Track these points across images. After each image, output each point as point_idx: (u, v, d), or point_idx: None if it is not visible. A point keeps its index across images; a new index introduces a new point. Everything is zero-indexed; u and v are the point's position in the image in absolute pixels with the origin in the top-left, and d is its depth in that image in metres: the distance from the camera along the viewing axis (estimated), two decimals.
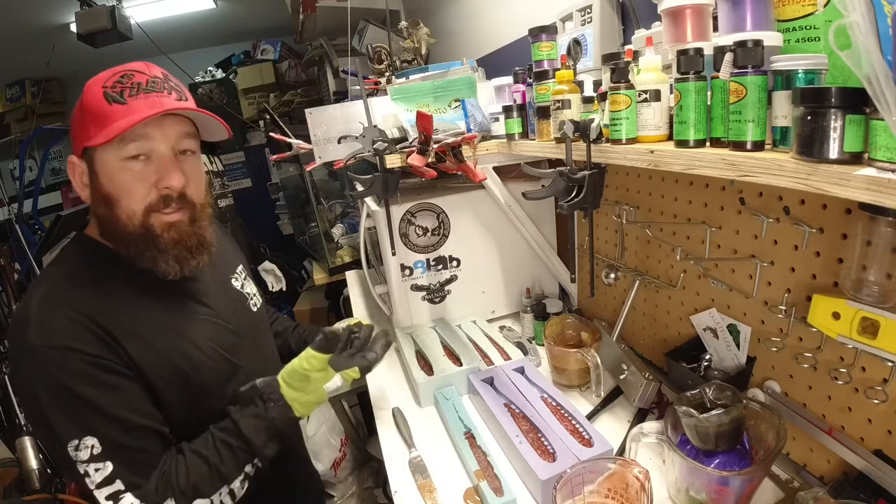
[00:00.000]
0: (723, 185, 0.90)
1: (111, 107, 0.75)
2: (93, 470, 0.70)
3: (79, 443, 0.70)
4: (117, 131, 0.73)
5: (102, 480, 0.70)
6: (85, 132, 0.77)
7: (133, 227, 0.79)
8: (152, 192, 0.79)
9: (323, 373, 0.89)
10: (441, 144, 1.13)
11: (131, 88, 0.77)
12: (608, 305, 1.37)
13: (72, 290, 0.77)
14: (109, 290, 0.79)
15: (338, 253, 2.59)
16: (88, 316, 0.73)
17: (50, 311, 0.73)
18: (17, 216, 3.30)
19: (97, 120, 0.76)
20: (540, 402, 1.02)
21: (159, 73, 0.82)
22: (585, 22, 1.21)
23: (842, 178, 0.47)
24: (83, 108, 0.77)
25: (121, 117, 0.75)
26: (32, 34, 3.29)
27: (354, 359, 0.91)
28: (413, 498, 0.92)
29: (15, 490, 1.86)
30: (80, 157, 0.79)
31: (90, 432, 0.70)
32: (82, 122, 0.77)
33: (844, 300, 0.68)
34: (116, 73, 0.78)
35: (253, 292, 1.06)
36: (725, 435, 0.79)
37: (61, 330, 0.71)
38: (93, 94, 0.77)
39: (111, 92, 0.76)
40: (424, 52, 1.96)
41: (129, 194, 0.78)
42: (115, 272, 0.81)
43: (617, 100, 0.78)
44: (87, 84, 0.79)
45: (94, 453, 0.70)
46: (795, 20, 0.62)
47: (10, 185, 4.02)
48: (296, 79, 4.40)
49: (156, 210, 0.79)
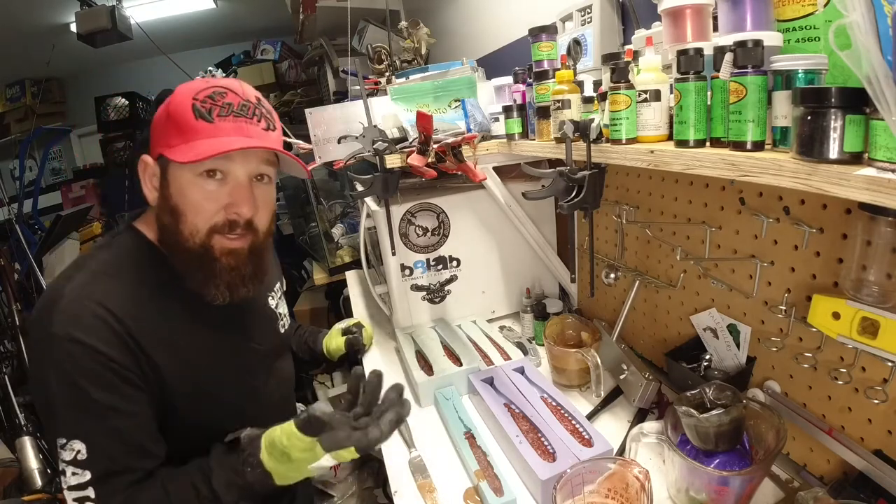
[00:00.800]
0: (723, 185, 0.90)
1: (197, 122, 0.74)
2: (70, 472, 0.69)
3: (66, 442, 0.69)
4: (199, 156, 0.72)
5: (76, 485, 0.69)
6: (165, 138, 0.76)
7: (193, 244, 0.77)
8: (220, 214, 0.77)
9: (308, 453, 0.73)
10: (441, 144, 1.13)
11: (222, 108, 0.75)
12: (608, 305, 1.37)
13: (109, 284, 0.75)
14: (149, 295, 0.77)
15: (338, 253, 2.59)
16: (118, 317, 0.72)
17: (80, 302, 0.71)
18: (17, 216, 3.30)
19: (181, 131, 0.74)
20: (540, 402, 1.02)
21: (253, 96, 0.79)
22: (585, 22, 1.21)
23: (842, 178, 0.47)
24: (168, 112, 0.76)
25: (204, 136, 0.74)
26: (32, 34, 3.29)
27: (352, 436, 0.73)
28: (413, 498, 0.92)
29: (15, 490, 1.86)
30: (156, 159, 0.78)
31: (81, 437, 0.69)
32: (165, 127, 0.76)
33: (844, 300, 0.68)
34: (210, 88, 0.76)
35: (284, 313, 1.06)
36: (725, 435, 0.79)
37: (86, 326, 0.70)
38: (180, 103, 0.75)
39: (200, 107, 0.74)
40: (424, 52, 1.96)
41: (196, 211, 0.76)
42: (161, 276, 0.79)
43: (617, 100, 0.78)
44: (178, 88, 0.77)
45: (77, 458, 0.69)
46: (795, 20, 0.62)
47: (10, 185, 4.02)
48: (296, 79, 4.41)
49: (220, 232, 0.77)
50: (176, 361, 0.77)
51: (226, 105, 0.76)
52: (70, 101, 4.65)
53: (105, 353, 0.70)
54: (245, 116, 0.77)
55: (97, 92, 4.45)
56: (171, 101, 0.77)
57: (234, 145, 0.74)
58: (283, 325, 1.04)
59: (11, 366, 2.69)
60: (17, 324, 2.65)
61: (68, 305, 0.71)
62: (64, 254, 3.47)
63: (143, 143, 2.13)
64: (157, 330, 0.76)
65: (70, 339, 0.69)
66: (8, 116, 4.24)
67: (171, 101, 0.77)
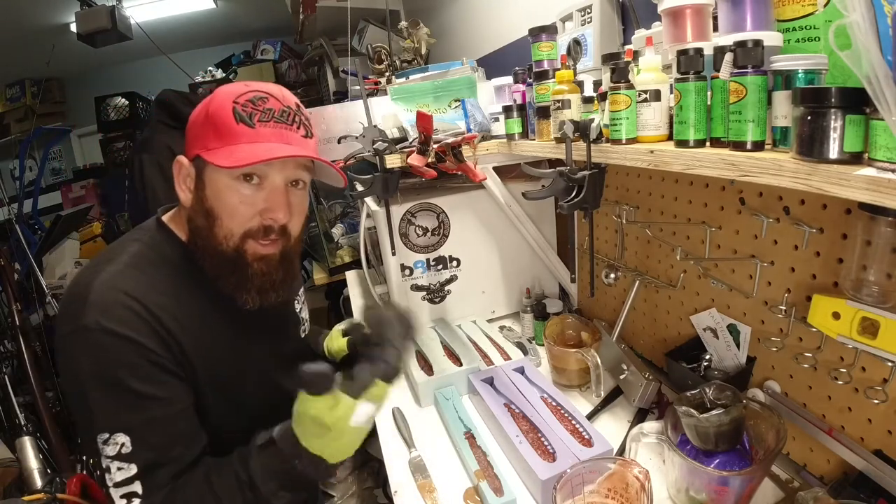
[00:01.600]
0: (723, 185, 0.90)
1: (238, 126, 0.74)
2: (115, 468, 0.68)
3: (109, 437, 0.67)
4: (240, 162, 0.72)
5: (122, 480, 0.68)
6: (204, 140, 0.75)
7: (227, 247, 0.77)
8: (255, 219, 0.77)
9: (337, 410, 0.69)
10: (441, 144, 1.13)
11: (263, 113, 0.75)
12: (608, 305, 1.37)
13: (138, 277, 0.74)
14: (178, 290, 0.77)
15: (338, 253, 2.59)
16: (148, 308, 0.71)
17: (111, 293, 0.70)
18: (17, 216, 3.30)
19: (220, 134, 0.74)
20: (540, 402, 1.02)
21: (293, 102, 0.79)
22: (585, 22, 1.21)
23: (842, 178, 0.47)
24: (208, 114, 0.76)
25: (245, 140, 0.74)
26: (32, 34, 3.29)
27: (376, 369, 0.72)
28: (413, 498, 0.92)
29: (15, 490, 1.86)
30: (191, 160, 0.78)
31: (124, 429, 0.68)
32: (204, 128, 0.76)
33: (844, 300, 0.68)
34: (251, 92, 0.76)
35: (306, 318, 1.06)
36: (725, 435, 0.79)
37: (119, 317, 0.69)
38: (221, 105, 0.75)
39: (241, 111, 0.74)
40: (424, 52, 1.96)
41: (231, 215, 0.76)
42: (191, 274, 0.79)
43: (617, 100, 0.78)
44: (218, 90, 0.77)
45: (122, 451, 0.68)
46: (795, 20, 0.62)
47: (10, 185, 4.02)
48: (296, 79, 4.41)
49: (253, 237, 0.77)
50: (205, 358, 0.77)
51: (267, 111, 0.75)
52: (70, 101, 4.65)
53: (140, 342, 0.69)
54: (285, 123, 0.77)
55: (97, 92, 4.44)
56: (211, 104, 0.76)
57: (276, 153, 0.74)
58: (304, 331, 1.05)
59: (11, 366, 2.69)
60: (17, 324, 2.65)
61: (98, 298, 0.70)
62: (64, 254, 3.47)
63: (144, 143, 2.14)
64: (186, 323, 0.75)
65: (103, 330, 0.68)
66: (8, 116, 4.24)
67: (211, 103, 0.76)
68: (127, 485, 0.68)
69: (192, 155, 0.77)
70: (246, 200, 0.76)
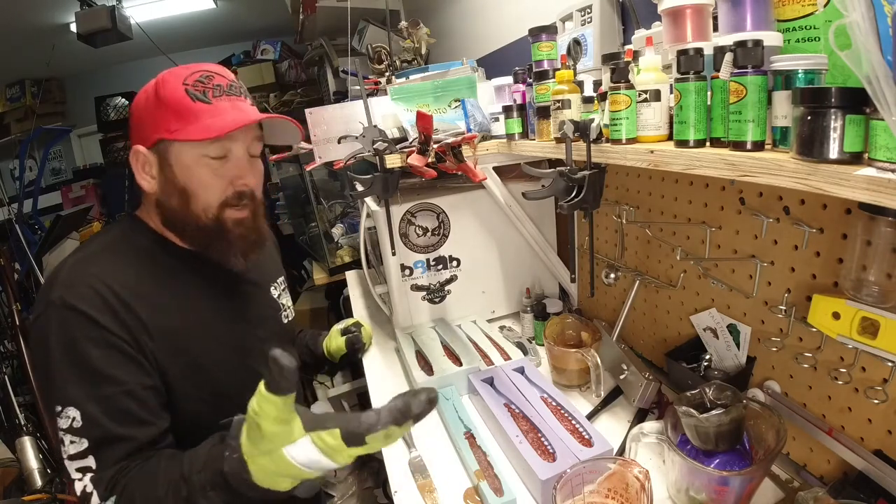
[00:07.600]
0: (723, 185, 0.90)
1: (195, 104, 0.78)
2: (68, 441, 0.70)
3: (61, 410, 0.70)
4: (215, 132, 0.76)
5: (76, 454, 0.70)
6: (163, 125, 0.78)
7: (206, 219, 0.82)
8: (229, 189, 0.83)
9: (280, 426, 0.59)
10: (441, 144, 1.13)
11: (214, 90, 0.80)
12: (608, 305, 1.37)
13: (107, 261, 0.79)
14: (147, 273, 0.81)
15: (338, 253, 2.59)
16: (113, 291, 0.74)
17: (78, 274, 0.75)
18: (17, 216, 3.30)
19: (181, 115, 0.77)
20: (540, 402, 1.02)
21: (233, 78, 0.85)
22: (585, 22, 1.21)
23: (842, 178, 0.47)
24: (160, 101, 0.78)
25: (208, 116, 0.78)
26: (32, 34, 3.29)
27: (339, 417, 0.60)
28: (413, 498, 0.92)
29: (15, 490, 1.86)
30: (150, 147, 0.80)
31: (74, 403, 0.70)
32: (159, 113, 0.78)
33: (844, 300, 0.68)
34: (196, 73, 0.80)
35: (287, 304, 1.08)
36: (725, 435, 0.79)
37: (81, 294, 0.73)
38: (172, 89, 0.78)
39: (194, 91, 0.78)
40: (424, 52, 1.96)
41: (206, 189, 0.81)
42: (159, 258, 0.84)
43: (617, 100, 0.77)
44: (161, 78, 0.80)
45: (73, 425, 0.70)
46: (795, 20, 0.62)
47: (10, 185, 4.02)
48: (296, 79, 4.40)
49: (230, 205, 0.83)
50: (173, 340, 0.79)
51: (217, 87, 0.80)
52: (70, 101, 4.64)
53: (97, 320, 0.72)
54: (236, 95, 0.83)
55: (97, 92, 4.45)
56: (159, 90, 0.79)
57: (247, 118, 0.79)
58: (287, 317, 1.07)
59: (11, 366, 2.69)
60: (17, 324, 2.66)
61: (66, 277, 0.75)
62: (64, 254, 3.45)
63: None
64: (154, 306, 0.78)
65: (64, 304, 0.71)
66: (8, 116, 4.23)
67: (158, 89, 0.79)
68: (80, 458, 0.70)
69: (153, 141, 0.79)
70: (217, 173, 0.81)
